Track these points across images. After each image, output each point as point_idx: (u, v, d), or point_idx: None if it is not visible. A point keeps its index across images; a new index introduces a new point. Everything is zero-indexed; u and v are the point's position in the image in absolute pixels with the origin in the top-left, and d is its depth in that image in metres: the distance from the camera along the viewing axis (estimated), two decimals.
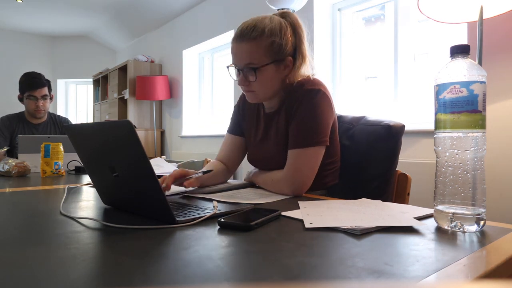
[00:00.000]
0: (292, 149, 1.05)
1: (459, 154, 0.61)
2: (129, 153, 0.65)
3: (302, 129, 1.05)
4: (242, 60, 1.04)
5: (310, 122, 1.04)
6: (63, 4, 4.65)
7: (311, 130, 1.04)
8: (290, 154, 1.06)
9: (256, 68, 1.03)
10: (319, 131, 1.04)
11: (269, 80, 1.06)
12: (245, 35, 1.02)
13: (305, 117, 1.04)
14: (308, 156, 1.04)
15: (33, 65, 6.05)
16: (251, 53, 1.03)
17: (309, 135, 1.04)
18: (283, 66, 1.07)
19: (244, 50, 1.03)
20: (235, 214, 0.69)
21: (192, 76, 4.47)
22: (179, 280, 0.39)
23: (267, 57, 1.03)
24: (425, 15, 1.72)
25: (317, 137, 1.04)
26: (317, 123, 1.04)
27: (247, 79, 1.06)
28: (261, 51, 1.03)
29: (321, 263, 0.45)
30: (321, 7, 2.85)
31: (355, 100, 2.75)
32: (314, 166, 1.05)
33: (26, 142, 1.85)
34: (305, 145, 1.03)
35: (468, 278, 0.42)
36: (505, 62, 1.86)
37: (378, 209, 0.74)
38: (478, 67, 0.62)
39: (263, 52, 1.03)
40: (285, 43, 1.05)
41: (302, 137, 1.04)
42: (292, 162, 1.04)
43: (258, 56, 1.03)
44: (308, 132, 1.04)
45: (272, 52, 1.04)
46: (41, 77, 2.36)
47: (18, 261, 0.45)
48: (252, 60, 1.03)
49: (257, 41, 1.02)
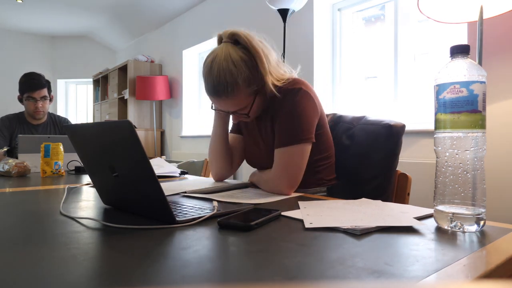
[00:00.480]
0: (277, 148, 1.07)
1: (459, 154, 0.61)
2: (129, 153, 0.65)
3: (285, 128, 1.06)
4: (230, 109, 1.08)
5: (293, 121, 1.05)
6: (63, 4, 4.66)
7: (294, 128, 1.05)
8: (275, 153, 1.08)
9: (247, 112, 1.07)
10: (302, 128, 1.05)
11: (259, 106, 1.11)
12: (221, 92, 1.01)
13: (288, 117, 1.06)
14: (293, 154, 1.05)
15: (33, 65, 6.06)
16: (236, 104, 1.05)
17: (292, 134, 1.05)
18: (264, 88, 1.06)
19: (227, 104, 1.05)
20: (235, 214, 0.69)
21: (192, 76, 4.47)
22: (179, 280, 0.39)
23: (250, 98, 1.05)
24: (425, 15, 1.72)
25: (300, 134, 1.04)
26: (300, 121, 1.05)
27: (241, 117, 1.11)
28: (243, 98, 1.04)
29: (321, 263, 0.45)
30: (321, 7, 2.85)
31: (355, 100, 2.75)
32: (300, 163, 1.05)
33: (26, 142, 1.85)
34: (289, 143, 1.05)
35: (468, 278, 0.42)
36: (505, 62, 1.86)
37: (378, 209, 0.74)
38: (478, 67, 0.62)
39: (245, 98, 1.04)
40: (256, 74, 1.03)
41: (286, 136, 1.05)
42: (278, 162, 1.06)
43: (243, 103, 1.05)
44: (291, 131, 1.05)
45: (252, 91, 1.04)
46: (41, 78, 2.35)
47: (18, 261, 0.45)
48: (240, 107, 1.06)
49: (236, 94, 1.02)
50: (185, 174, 1.58)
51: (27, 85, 2.31)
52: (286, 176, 1.03)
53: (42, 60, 6.15)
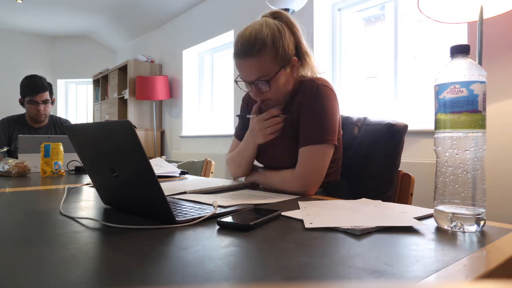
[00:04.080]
0: (304, 146, 1.06)
1: (459, 154, 0.61)
2: (129, 153, 0.65)
3: (313, 125, 1.06)
4: (253, 75, 1.04)
5: (321, 120, 1.05)
6: (63, 4, 4.66)
7: (322, 127, 1.05)
8: (302, 151, 1.06)
9: (268, 80, 1.04)
10: (330, 129, 1.05)
11: (282, 86, 1.07)
12: (249, 50, 1.01)
13: (317, 113, 1.06)
14: (320, 154, 1.05)
15: (33, 65, 6.06)
16: (260, 67, 1.02)
17: (320, 132, 1.05)
18: (289, 67, 1.08)
19: (252, 66, 1.03)
20: (235, 214, 0.69)
21: (192, 76, 4.47)
22: (179, 280, 0.39)
23: (275, 66, 1.04)
24: (425, 15, 1.72)
25: (328, 135, 1.05)
26: (328, 121, 1.05)
27: (261, 91, 1.07)
28: (269, 62, 1.02)
29: (321, 263, 0.45)
30: (321, 7, 2.85)
31: (355, 100, 2.75)
32: (325, 164, 1.06)
33: (26, 142, 1.85)
34: (316, 142, 1.04)
35: (468, 278, 0.41)
36: (505, 62, 1.86)
37: (378, 209, 0.74)
38: (478, 67, 0.62)
39: (270, 63, 1.03)
40: (287, 45, 1.05)
41: (314, 133, 1.05)
42: (304, 161, 1.05)
43: (267, 68, 1.03)
44: (319, 130, 1.05)
45: (279, 59, 1.04)
46: (43, 81, 2.34)
47: (18, 261, 0.45)
48: (263, 73, 1.03)
49: (262, 53, 1.01)
50: (185, 174, 1.58)
51: (29, 88, 2.30)
52: (311, 176, 1.03)
53: (42, 60, 6.15)
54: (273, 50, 1.02)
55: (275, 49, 1.02)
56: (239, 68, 1.07)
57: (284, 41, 1.04)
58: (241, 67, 1.05)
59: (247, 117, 1.11)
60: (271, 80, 1.04)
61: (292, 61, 1.07)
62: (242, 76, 1.07)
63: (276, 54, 1.03)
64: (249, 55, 1.01)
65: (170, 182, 1.30)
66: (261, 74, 1.03)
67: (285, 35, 1.05)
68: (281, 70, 1.05)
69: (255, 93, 1.08)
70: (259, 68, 1.03)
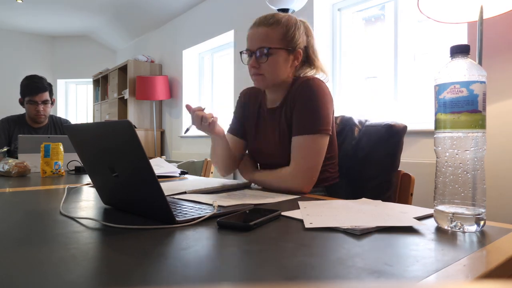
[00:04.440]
0: (296, 136, 1.07)
1: (459, 154, 0.61)
2: (129, 153, 0.65)
3: (305, 115, 1.07)
4: (256, 43, 1.10)
5: (313, 110, 1.07)
6: (63, 4, 4.66)
7: (314, 117, 1.06)
8: (294, 141, 1.07)
9: (268, 49, 1.08)
10: (322, 119, 1.06)
11: (278, 65, 1.10)
12: (263, 21, 1.10)
13: (308, 104, 1.07)
14: (314, 146, 1.05)
15: (33, 65, 6.06)
16: (266, 37, 1.08)
17: (313, 122, 1.06)
18: (293, 56, 1.12)
19: (259, 34, 1.09)
20: (235, 214, 0.69)
21: (192, 76, 4.47)
22: (179, 280, 0.39)
23: (279, 43, 1.09)
24: (425, 15, 1.72)
25: (321, 125, 1.06)
26: (321, 110, 1.07)
27: (258, 61, 1.10)
28: (275, 36, 1.08)
29: (321, 263, 0.45)
30: (321, 7, 2.85)
31: (355, 100, 2.75)
32: (320, 155, 1.06)
33: (26, 142, 1.85)
34: (310, 132, 1.05)
35: (468, 278, 0.41)
36: (505, 62, 1.86)
37: (378, 209, 0.74)
38: (478, 67, 0.62)
39: (276, 38, 1.09)
40: (297, 36, 1.11)
41: (306, 123, 1.06)
42: (297, 152, 1.06)
43: (271, 40, 1.08)
44: (311, 119, 1.06)
45: (285, 40, 1.09)
46: (43, 81, 2.33)
47: (18, 261, 0.45)
48: (266, 43, 1.08)
49: (273, 27, 1.09)
50: (185, 174, 1.58)
51: (29, 88, 2.29)
52: (308, 170, 1.04)
53: (42, 60, 6.15)
54: (283, 29, 1.09)
55: (286, 30, 1.10)
56: (248, 38, 1.13)
57: (296, 31, 1.11)
58: (251, 36, 1.12)
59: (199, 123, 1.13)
60: (271, 51, 1.08)
61: (297, 52, 1.12)
62: (248, 45, 1.12)
63: (285, 35, 1.09)
64: (262, 25, 1.10)
65: (170, 182, 1.30)
66: (264, 44, 1.09)
67: (300, 28, 1.12)
68: (283, 50, 1.10)
69: (252, 62, 1.11)
70: (265, 38, 1.09)
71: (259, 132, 1.22)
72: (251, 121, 1.25)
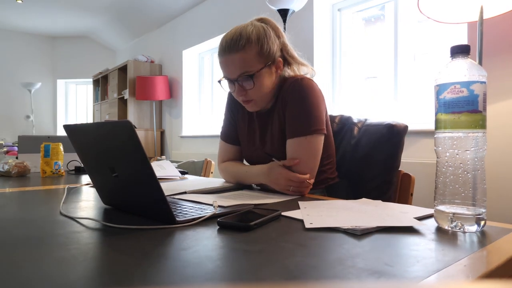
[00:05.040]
0: (291, 139, 1.04)
1: (460, 154, 0.61)
2: (129, 154, 0.65)
3: (298, 117, 1.05)
4: (236, 71, 1.03)
5: (306, 110, 1.04)
6: (63, 4, 4.66)
7: (307, 118, 1.04)
8: (289, 144, 1.05)
9: (252, 75, 1.02)
10: (315, 118, 1.04)
11: (265, 85, 1.06)
12: (233, 46, 1.02)
13: (301, 105, 1.05)
14: (309, 145, 1.03)
15: (33, 65, 6.06)
16: (244, 62, 1.02)
17: (307, 123, 1.03)
18: (274, 67, 1.08)
19: (236, 61, 1.02)
20: (235, 214, 0.69)
21: (192, 76, 4.47)
22: (179, 280, 0.39)
23: (259, 63, 1.03)
24: (425, 15, 1.72)
25: (314, 125, 1.03)
26: (314, 110, 1.04)
27: (244, 88, 1.05)
28: (253, 58, 1.02)
29: (321, 264, 0.45)
30: (321, 7, 2.85)
31: (355, 100, 2.75)
32: (317, 156, 1.04)
33: (26, 142, 1.85)
34: (303, 133, 1.03)
35: (468, 279, 0.41)
36: (505, 62, 1.86)
37: (378, 209, 0.74)
38: (479, 67, 0.62)
39: (255, 59, 1.02)
40: (271, 44, 1.05)
41: (299, 125, 1.04)
42: (294, 156, 1.02)
43: (251, 63, 1.02)
44: (304, 120, 1.04)
45: (263, 56, 1.04)
46: None
47: (18, 261, 0.45)
48: (246, 68, 1.02)
49: (246, 49, 1.01)
50: (185, 174, 1.57)
51: None
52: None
53: (42, 60, 6.16)
54: (257, 46, 1.02)
55: (260, 45, 1.03)
56: (223, 66, 1.06)
57: (269, 40, 1.05)
58: (225, 63, 1.04)
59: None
60: (255, 75, 1.03)
61: (277, 61, 1.07)
62: (225, 73, 1.06)
63: (260, 50, 1.03)
64: (234, 50, 1.01)
65: (170, 182, 1.30)
66: (245, 70, 1.02)
67: (270, 35, 1.06)
68: (265, 68, 1.04)
69: (238, 91, 1.06)
70: (243, 64, 1.02)
71: (250, 138, 1.19)
72: (242, 127, 1.22)
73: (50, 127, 6.27)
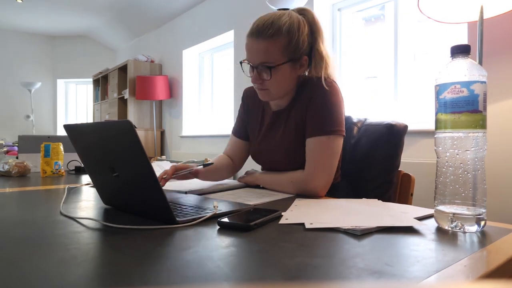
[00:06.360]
0: (313, 137, 1.02)
1: (460, 154, 0.61)
2: (129, 153, 0.65)
3: (322, 116, 1.02)
4: (258, 58, 1.01)
5: (330, 111, 1.02)
6: (63, 4, 4.65)
7: (330, 118, 1.01)
8: (310, 142, 1.02)
9: (271, 67, 1.00)
10: (338, 120, 1.02)
11: (283, 79, 1.04)
12: (262, 32, 0.99)
13: (326, 105, 1.02)
14: (329, 148, 1.01)
15: (33, 65, 6.06)
16: (267, 51, 0.99)
17: (329, 123, 1.01)
18: (298, 65, 1.05)
19: (260, 48, 0.99)
20: (235, 214, 0.69)
21: (192, 76, 4.47)
22: (179, 281, 0.39)
23: (283, 56, 1.00)
24: (425, 15, 1.72)
25: (337, 126, 1.01)
26: (336, 112, 1.02)
27: (261, 77, 1.03)
28: (278, 50, 0.99)
29: (321, 264, 0.45)
30: (321, 7, 2.85)
31: (355, 100, 2.75)
32: (337, 156, 1.03)
33: (26, 142, 1.85)
34: (325, 133, 1.01)
35: (469, 279, 0.41)
36: (505, 62, 1.86)
37: (379, 209, 0.74)
38: (479, 67, 0.62)
39: (279, 51, 1.00)
40: (302, 42, 1.02)
41: (322, 124, 1.01)
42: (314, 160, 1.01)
43: (274, 55, 0.99)
44: (327, 120, 1.01)
45: (288, 52, 1.01)
46: None
47: (18, 261, 0.45)
48: (268, 59, 1.00)
49: (274, 39, 0.98)
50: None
51: None
52: (322, 175, 0.99)
53: (42, 60, 6.16)
54: (285, 40, 0.99)
55: (288, 39, 1.00)
56: (247, 48, 1.03)
57: (300, 36, 1.01)
58: (250, 47, 1.02)
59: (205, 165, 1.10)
60: (275, 68, 1.00)
61: (301, 60, 1.04)
62: (248, 57, 1.04)
63: (287, 45, 1.00)
64: (261, 37, 0.99)
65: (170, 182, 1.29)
66: (266, 59, 1.00)
67: (303, 31, 1.02)
68: (287, 64, 1.01)
69: (255, 77, 1.04)
70: (266, 53, 0.99)
71: (262, 136, 1.18)
72: (254, 123, 1.22)
73: (50, 127, 6.27)
